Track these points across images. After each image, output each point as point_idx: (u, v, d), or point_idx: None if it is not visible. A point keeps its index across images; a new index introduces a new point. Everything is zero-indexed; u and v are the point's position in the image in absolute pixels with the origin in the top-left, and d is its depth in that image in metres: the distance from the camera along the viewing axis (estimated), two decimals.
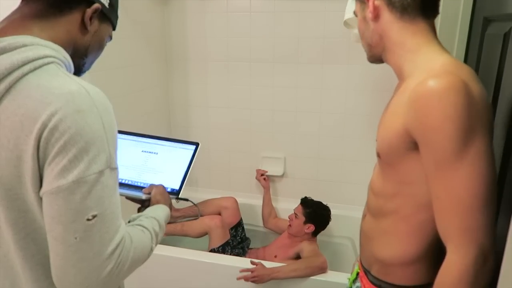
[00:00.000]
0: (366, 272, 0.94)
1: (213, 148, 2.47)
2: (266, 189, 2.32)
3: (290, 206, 2.08)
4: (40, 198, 0.58)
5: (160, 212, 0.82)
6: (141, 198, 0.93)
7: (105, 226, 0.58)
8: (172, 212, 0.89)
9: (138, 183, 1.01)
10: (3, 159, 0.57)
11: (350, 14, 1.55)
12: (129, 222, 0.75)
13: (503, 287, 0.59)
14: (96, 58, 0.77)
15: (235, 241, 2.11)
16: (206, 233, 2.06)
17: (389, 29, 0.80)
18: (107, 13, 0.73)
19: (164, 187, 0.94)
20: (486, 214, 0.67)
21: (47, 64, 0.60)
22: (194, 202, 1.11)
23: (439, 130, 0.66)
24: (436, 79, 0.67)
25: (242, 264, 1.69)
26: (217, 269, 1.73)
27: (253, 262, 1.68)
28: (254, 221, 2.36)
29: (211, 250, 1.99)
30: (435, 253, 0.80)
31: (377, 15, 0.80)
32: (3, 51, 0.57)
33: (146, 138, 1.10)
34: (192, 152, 1.07)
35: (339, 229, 2.21)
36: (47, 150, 0.55)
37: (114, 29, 0.79)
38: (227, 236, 2.05)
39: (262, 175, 2.34)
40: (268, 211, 2.28)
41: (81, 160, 0.56)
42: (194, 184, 2.56)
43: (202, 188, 2.55)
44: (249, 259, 1.71)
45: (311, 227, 1.92)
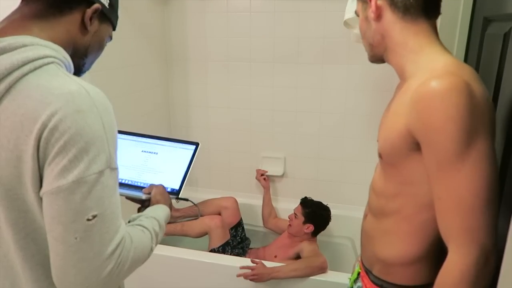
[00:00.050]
0: (368, 272, 0.94)
1: (213, 148, 2.47)
2: (266, 189, 2.32)
3: (290, 206, 2.08)
4: (40, 198, 0.58)
5: (160, 212, 0.82)
6: (141, 198, 0.93)
7: (105, 226, 0.58)
8: (172, 212, 0.89)
9: (138, 183, 1.01)
10: (3, 159, 0.57)
11: (350, 14, 1.55)
12: (129, 222, 0.75)
13: (503, 287, 0.59)
14: (96, 58, 0.77)
15: (235, 241, 2.11)
16: (206, 233, 2.06)
17: (391, 29, 0.80)
18: (107, 13, 0.73)
19: (164, 187, 0.94)
20: (487, 214, 0.67)
21: (47, 64, 0.60)
22: (194, 202, 1.11)
23: (442, 130, 0.66)
24: (439, 79, 0.67)
25: (242, 264, 1.69)
26: (217, 269, 1.73)
27: (254, 261, 1.68)
28: (254, 221, 2.36)
29: (211, 250, 1.99)
30: (436, 253, 0.80)
31: (379, 15, 0.80)
32: (3, 51, 0.57)
33: (146, 138, 1.10)
34: (192, 152, 1.07)
35: (339, 229, 2.21)
36: (47, 150, 0.55)
37: (114, 29, 0.79)
38: (227, 236, 2.05)
39: (262, 175, 2.34)
40: (268, 211, 2.28)
41: (81, 160, 0.56)
42: (194, 184, 2.56)
43: (202, 188, 2.55)
44: (250, 259, 1.71)
45: (310, 227, 1.92)
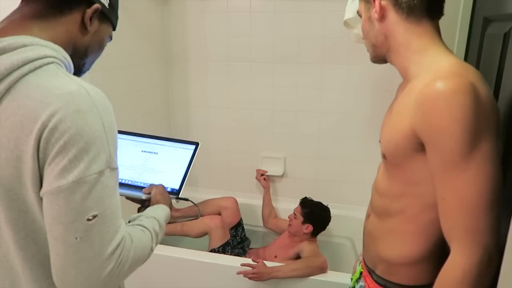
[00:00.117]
0: (371, 271, 0.94)
1: (213, 148, 2.47)
2: (266, 189, 2.32)
3: (290, 206, 2.08)
4: (40, 198, 0.58)
5: (160, 212, 0.82)
6: (141, 198, 0.93)
7: (105, 226, 0.58)
8: (172, 212, 0.89)
9: (138, 183, 1.01)
10: (3, 159, 0.57)
11: (350, 14, 1.55)
12: (129, 222, 0.75)
13: (503, 287, 0.59)
14: (96, 58, 0.77)
15: (235, 241, 2.11)
16: (206, 233, 2.06)
17: (395, 30, 0.79)
18: (107, 13, 0.72)
19: (164, 187, 0.94)
20: (491, 215, 0.67)
21: (47, 64, 0.60)
22: (194, 202, 1.11)
23: (447, 131, 0.66)
24: (444, 80, 0.67)
25: (242, 264, 1.69)
26: (217, 269, 1.73)
27: (255, 260, 1.68)
28: (254, 221, 2.36)
29: (211, 250, 1.99)
30: (439, 253, 0.80)
31: (383, 15, 0.80)
32: (3, 51, 0.57)
33: (146, 138, 1.10)
34: (192, 152, 1.07)
35: (339, 229, 2.21)
36: (47, 150, 0.55)
37: (114, 29, 0.79)
38: (227, 236, 2.05)
39: (262, 175, 2.34)
40: (268, 211, 2.28)
41: (81, 160, 0.56)
42: (194, 184, 2.56)
43: (202, 188, 2.55)
44: (250, 259, 1.71)
45: (309, 227, 1.92)
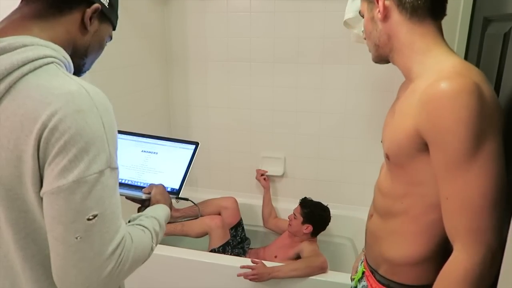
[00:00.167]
0: (373, 271, 0.94)
1: (213, 148, 2.47)
2: (266, 189, 2.32)
3: (290, 206, 2.08)
4: (40, 198, 0.58)
5: (160, 212, 0.82)
6: (141, 198, 0.93)
7: (105, 226, 0.58)
8: (172, 212, 0.89)
9: (138, 183, 1.01)
10: (3, 159, 0.57)
11: (350, 14, 1.55)
12: (129, 222, 0.75)
13: (503, 287, 0.59)
14: (96, 58, 0.77)
15: (235, 241, 2.11)
16: (206, 233, 2.06)
17: (398, 30, 0.79)
18: (107, 13, 0.72)
19: (164, 187, 0.94)
20: (494, 215, 0.67)
21: (47, 64, 0.60)
22: (194, 202, 1.11)
23: (451, 132, 0.66)
24: (448, 81, 0.67)
25: (242, 264, 1.69)
26: (217, 269, 1.73)
27: (254, 261, 1.68)
28: (254, 221, 2.36)
29: (211, 250, 1.99)
30: (443, 253, 0.79)
31: (387, 15, 0.80)
32: (3, 51, 0.57)
33: (146, 138, 1.10)
34: (192, 151, 1.07)
35: (339, 229, 2.21)
36: (47, 150, 0.55)
37: (114, 29, 0.79)
38: (228, 236, 2.05)
39: (262, 175, 2.34)
40: (268, 211, 2.28)
41: (81, 160, 0.56)
42: (194, 184, 2.56)
43: (202, 188, 2.55)
44: (250, 259, 1.71)
45: (309, 228, 1.92)
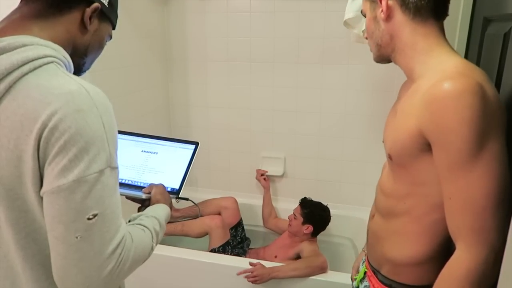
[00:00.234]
0: (376, 271, 0.94)
1: (213, 148, 2.47)
2: (266, 189, 2.32)
3: (290, 206, 2.08)
4: (40, 198, 0.58)
5: (160, 211, 0.82)
6: (141, 198, 0.93)
7: (105, 225, 0.58)
8: (172, 212, 0.89)
9: (138, 183, 1.01)
10: (3, 159, 0.57)
11: (350, 14, 1.55)
12: (129, 221, 0.75)
13: (503, 287, 0.59)
14: (96, 57, 0.77)
15: (235, 241, 2.11)
16: (206, 233, 2.06)
17: (401, 30, 0.79)
18: (107, 12, 0.72)
19: (164, 187, 0.94)
20: (498, 215, 0.67)
21: (47, 63, 0.60)
22: (194, 202, 1.11)
23: (454, 132, 0.66)
24: (451, 81, 0.67)
25: (242, 264, 1.69)
26: (217, 269, 1.73)
27: (252, 263, 1.68)
28: (254, 221, 2.36)
29: (211, 250, 1.99)
30: (445, 253, 0.79)
31: (390, 15, 0.80)
32: (3, 51, 0.57)
33: (146, 138, 1.10)
34: (192, 151, 1.07)
35: (339, 229, 2.21)
36: (47, 149, 0.55)
37: (114, 28, 0.79)
38: (228, 236, 2.05)
39: (262, 175, 2.34)
40: (268, 211, 2.28)
41: (82, 159, 0.56)
42: (194, 184, 2.56)
43: (202, 188, 2.55)
44: (248, 262, 1.70)
45: (309, 228, 1.92)
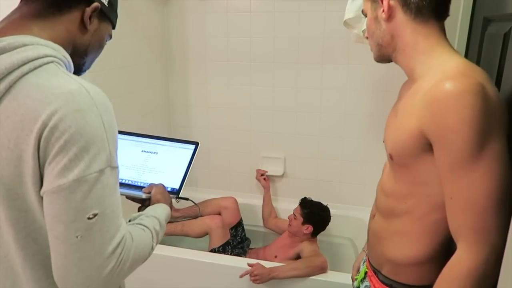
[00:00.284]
0: (376, 272, 0.94)
1: (213, 148, 2.47)
2: (266, 189, 2.32)
3: (290, 206, 2.08)
4: (40, 198, 0.58)
5: (160, 211, 0.82)
6: (141, 198, 0.93)
7: (105, 225, 0.58)
8: (172, 212, 0.89)
9: (138, 183, 1.01)
10: (3, 159, 0.57)
11: (350, 14, 1.55)
12: (129, 221, 0.75)
13: (503, 287, 0.59)
14: (96, 57, 0.77)
15: (235, 241, 2.11)
16: (206, 233, 2.06)
17: (402, 30, 0.79)
18: (107, 12, 0.72)
19: (164, 186, 0.94)
20: (499, 215, 0.67)
21: (47, 63, 0.60)
22: (194, 202, 1.11)
23: (456, 132, 0.66)
24: (453, 81, 0.67)
25: (242, 264, 1.69)
26: (217, 269, 1.73)
27: (250, 264, 1.68)
28: (254, 221, 2.36)
29: (211, 250, 1.99)
30: (446, 253, 0.79)
31: (391, 15, 0.80)
32: (3, 51, 0.57)
33: (146, 138, 1.10)
34: (192, 151, 1.07)
35: (339, 229, 2.21)
36: (47, 149, 0.55)
37: (113, 28, 0.79)
38: (228, 236, 2.05)
39: (262, 175, 2.34)
40: (268, 211, 2.28)
41: (82, 159, 0.56)
42: (194, 184, 2.56)
43: (202, 188, 2.55)
44: (247, 263, 1.70)
45: (309, 228, 1.92)
